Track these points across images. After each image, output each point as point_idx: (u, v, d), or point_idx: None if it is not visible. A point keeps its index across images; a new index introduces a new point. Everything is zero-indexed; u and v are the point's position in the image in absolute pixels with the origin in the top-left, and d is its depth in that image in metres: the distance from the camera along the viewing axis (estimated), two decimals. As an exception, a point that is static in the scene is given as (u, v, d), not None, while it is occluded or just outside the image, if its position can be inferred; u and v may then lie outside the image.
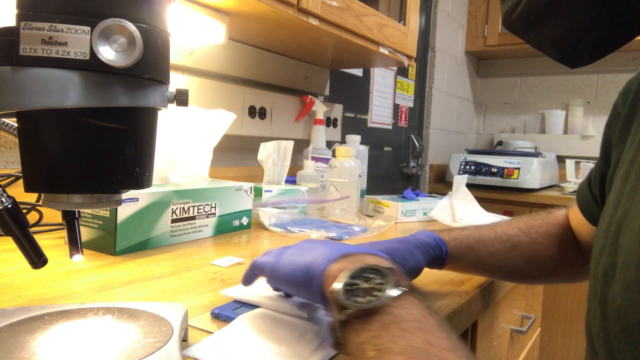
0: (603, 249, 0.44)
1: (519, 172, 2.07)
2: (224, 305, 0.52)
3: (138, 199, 0.73)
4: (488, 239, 0.65)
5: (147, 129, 0.40)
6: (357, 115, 1.90)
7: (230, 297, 0.54)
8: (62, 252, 0.70)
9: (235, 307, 0.52)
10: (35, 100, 0.34)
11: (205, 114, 0.96)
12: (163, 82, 0.39)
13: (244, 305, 0.52)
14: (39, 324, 0.39)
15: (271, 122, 1.40)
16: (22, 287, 0.55)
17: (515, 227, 0.67)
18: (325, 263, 0.42)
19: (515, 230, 0.66)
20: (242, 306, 0.52)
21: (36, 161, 0.36)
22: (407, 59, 1.40)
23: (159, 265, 0.68)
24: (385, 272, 0.38)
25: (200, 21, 0.96)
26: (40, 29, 0.33)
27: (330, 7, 1.03)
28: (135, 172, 0.39)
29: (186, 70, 1.17)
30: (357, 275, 0.38)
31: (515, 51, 2.56)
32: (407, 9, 1.39)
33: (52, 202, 0.38)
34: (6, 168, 0.87)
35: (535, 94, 2.70)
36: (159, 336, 0.38)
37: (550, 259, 0.66)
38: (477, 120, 2.89)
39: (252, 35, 1.20)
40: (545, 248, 0.66)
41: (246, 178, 1.33)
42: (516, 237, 0.66)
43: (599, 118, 2.52)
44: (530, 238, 0.66)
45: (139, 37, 0.34)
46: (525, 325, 1.01)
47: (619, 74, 2.46)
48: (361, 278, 0.38)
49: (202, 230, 0.86)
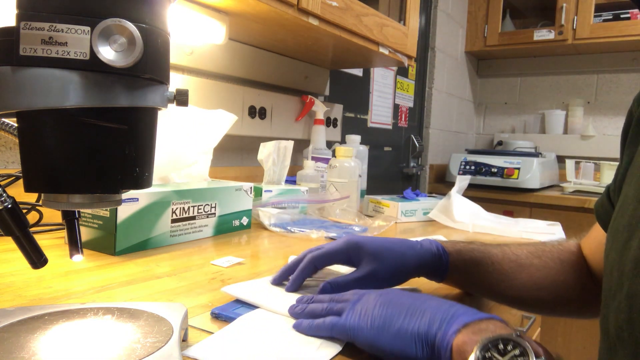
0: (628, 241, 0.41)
1: (519, 172, 2.07)
2: (224, 305, 0.52)
3: (138, 199, 0.73)
4: (495, 257, 0.60)
5: (147, 129, 0.40)
6: (357, 115, 1.90)
7: (231, 295, 0.54)
8: (62, 252, 0.70)
9: (236, 307, 0.52)
10: (35, 100, 0.34)
11: (205, 114, 0.96)
12: (163, 82, 0.39)
13: (245, 305, 0.52)
14: (39, 324, 0.39)
15: (271, 122, 1.40)
16: (22, 287, 0.55)
17: (524, 249, 0.62)
18: (448, 335, 0.39)
19: (524, 252, 0.61)
20: (243, 306, 0.52)
21: (36, 161, 0.36)
22: (407, 59, 1.40)
23: (159, 265, 0.68)
24: (522, 343, 0.35)
25: (200, 21, 0.96)
26: (40, 29, 0.33)
27: (330, 7, 1.03)
28: (135, 172, 0.39)
29: (186, 70, 1.17)
30: (489, 348, 0.36)
31: (515, 51, 2.56)
32: (407, 9, 1.39)
33: (52, 202, 0.38)
34: (6, 168, 0.87)
35: (535, 94, 2.70)
36: (159, 336, 0.38)
37: (562, 285, 0.60)
38: (477, 120, 2.89)
39: (252, 35, 1.20)
40: (556, 273, 0.60)
41: (246, 178, 1.33)
42: (526, 258, 0.61)
43: (599, 118, 2.52)
44: (541, 261, 0.61)
45: (139, 37, 0.34)
46: (525, 325, 1.01)
47: (619, 74, 2.46)
48: (494, 350, 0.36)
49: (202, 230, 0.86)
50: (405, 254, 0.57)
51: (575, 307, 0.62)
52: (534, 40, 2.34)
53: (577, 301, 0.62)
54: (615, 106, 2.48)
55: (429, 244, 0.59)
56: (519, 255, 0.61)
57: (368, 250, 0.56)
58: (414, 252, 0.57)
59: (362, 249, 0.56)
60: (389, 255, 0.56)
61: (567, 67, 2.59)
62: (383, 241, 0.58)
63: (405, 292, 0.48)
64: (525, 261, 0.60)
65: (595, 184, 2.10)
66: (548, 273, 0.60)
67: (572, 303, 0.62)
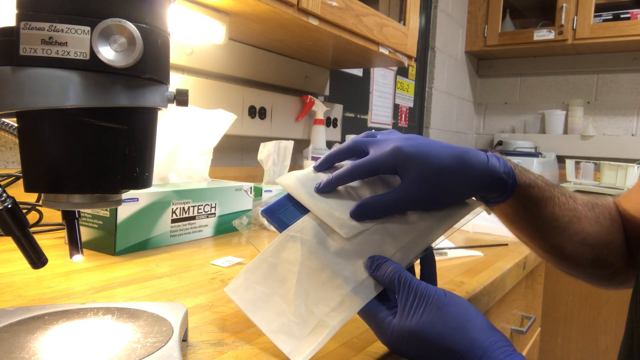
0: None
1: (519, 172, 2.07)
2: (274, 205, 0.50)
3: (138, 199, 0.73)
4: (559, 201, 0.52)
5: (147, 129, 0.40)
6: (357, 115, 1.90)
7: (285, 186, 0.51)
8: (62, 252, 0.70)
9: (285, 208, 0.50)
10: (35, 100, 0.34)
11: (205, 114, 0.96)
12: (163, 82, 0.39)
13: (294, 206, 0.50)
14: (39, 324, 0.39)
15: (271, 122, 1.40)
16: (22, 287, 0.55)
17: (580, 199, 0.55)
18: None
19: (579, 203, 0.55)
20: (292, 207, 0.50)
21: (36, 161, 0.36)
22: (407, 59, 1.40)
23: (159, 265, 0.68)
24: None
25: (200, 21, 0.96)
26: (40, 29, 0.33)
27: (330, 7, 1.03)
28: (135, 172, 0.39)
29: (186, 70, 1.17)
30: None
31: (515, 51, 2.56)
32: (407, 9, 1.39)
33: (52, 202, 0.38)
34: (6, 168, 0.87)
35: (535, 94, 2.70)
36: (159, 336, 0.38)
37: (606, 246, 0.55)
38: (477, 120, 2.89)
39: (252, 35, 1.20)
40: (605, 231, 0.55)
41: (246, 178, 1.33)
42: (582, 208, 0.54)
43: (599, 118, 2.52)
44: (594, 214, 0.55)
45: (139, 37, 0.34)
46: (525, 325, 1.02)
47: (619, 74, 2.46)
48: None
49: (202, 230, 0.86)
50: (464, 172, 0.47)
51: (609, 272, 0.57)
52: (534, 40, 2.34)
53: (612, 267, 0.57)
54: (615, 106, 2.48)
55: (497, 165, 0.48)
56: (577, 203, 0.54)
57: (418, 164, 0.46)
58: (476, 173, 0.47)
59: (411, 162, 0.46)
60: (443, 173, 0.46)
61: (567, 67, 2.59)
62: (438, 153, 0.47)
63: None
64: (582, 212, 0.54)
65: (595, 184, 2.10)
66: (599, 230, 0.55)
67: (607, 268, 0.57)
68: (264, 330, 0.43)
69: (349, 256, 0.46)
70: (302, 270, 0.45)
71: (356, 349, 0.46)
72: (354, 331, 0.49)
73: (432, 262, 0.49)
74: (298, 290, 0.44)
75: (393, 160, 0.47)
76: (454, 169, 0.46)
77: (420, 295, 0.41)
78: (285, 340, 0.42)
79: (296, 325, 0.42)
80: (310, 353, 0.41)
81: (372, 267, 0.44)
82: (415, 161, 0.46)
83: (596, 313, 1.76)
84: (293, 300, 0.44)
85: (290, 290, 0.44)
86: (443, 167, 0.46)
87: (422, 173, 0.46)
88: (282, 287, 0.45)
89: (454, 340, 0.39)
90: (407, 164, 0.46)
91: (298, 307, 0.43)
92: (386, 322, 0.42)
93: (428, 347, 0.40)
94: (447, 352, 0.39)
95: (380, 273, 0.44)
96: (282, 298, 0.44)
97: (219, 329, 0.47)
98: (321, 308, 0.43)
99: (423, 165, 0.46)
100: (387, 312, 0.42)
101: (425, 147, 0.47)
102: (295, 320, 0.42)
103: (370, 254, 0.46)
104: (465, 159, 0.47)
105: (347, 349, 0.45)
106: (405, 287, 0.42)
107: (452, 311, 0.41)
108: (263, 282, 0.46)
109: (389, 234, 0.47)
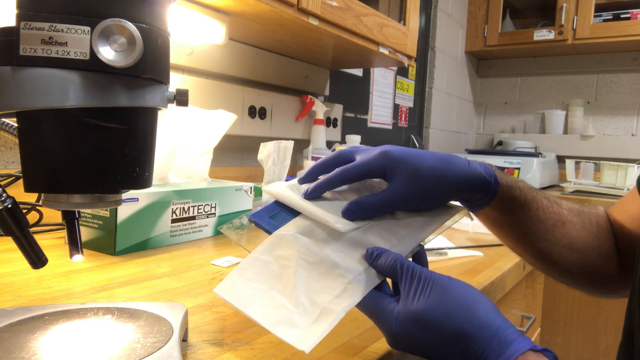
0: None
1: (519, 172, 2.07)
2: (261, 210, 0.49)
3: (138, 199, 0.73)
4: (541, 204, 0.53)
5: (147, 129, 0.40)
6: (357, 115, 1.90)
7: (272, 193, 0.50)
8: (62, 252, 0.70)
9: (273, 213, 0.49)
10: (35, 100, 0.34)
11: (205, 114, 0.96)
12: (163, 82, 0.39)
13: (282, 210, 0.49)
14: (39, 324, 0.39)
15: (271, 122, 1.40)
16: (22, 287, 0.55)
17: (565, 205, 0.56)
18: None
19: (565, 209, 0.56)
20: (281, 211, 0.49)
21: (36, 161, 0.36)
22: (407, 59, 1.40)
23: (159, 265, 0.68)
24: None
25: (200, 21, 0.96)
26: (40, 29, 0.33)
27: (330, 7, 1.03)
28: (135, 172, 0.39)
29: (186, 70, 1.17)
30: None
31: (515, 51, 2.56)
32: (407, 9, 1.39)
33: (52, 202, 0.38)
34: (6, 168, 0.87)
35: (535, 94, 2.70)
36: (159, 336, 0.38)
37: (593, 251, 0.55)
38: (477, 120, 2.89)
39: (252, 35, 1.20)
40: (592, 237, 0.56)
41: (246, 178, 1.33)
42: (567, 213, 0.55)
43: (599, 118, 2.52)
44: (580, 220, 0.56)
45: (139, 37, 0.34)
46: (525, 325, 1.02)
47: (619, 74, 2.46)
48: None
49: (202, 230, 0.86)
50: (448, 173, 0.48)
51: (599, 280, 0.58)
52: (534, 40, 2.34)
53: (601, 274, 0.57)
54: (615, 106, 2.48)
55: (478, 167, 0.50)
56: (561, 207, 0.55)
57: (405, 166, 0.48)
58: (459, 173, 0.49)
59: (399, 164, 0.48)
60: (429, 174, 0.48)
61: (567, 67, 2.59)
62: (424, 156, 0.49)
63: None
64: (566, 217, 0.55)
65: (595, 184, 2.10)
66: (585, 235, 0.55)
67: (596, 274, 0.57)
68: (263, 324, 0.42)
69: (346, 249, 0.46)
70: (299, 264, 0.45)
71: (356, 349, 0.46)
72: (353, 331, 0.49)
73: (424, 261, 0.50)
74: (297, 282, 0.43)
75: (382, 163, 0.49)
76: (438, 170, 0.48)
77: (425, 279, 0.41)
78: (287, 330, 0.41)
79: (298, 315, 0.41)
80: (317, 339, 0.39)
81: (372, 258, 0.45)
82: (403, 163, 0.48)
83: (596, 313, 1.76)
84: (292, 293, 0.43)
85: (288, 283, 0.44)
86: (429, 168, 0.48)
87: (409, 174, 0.48)
88: (278, 282, 0.44)
89: (463, 320, 0.38)
90: (396, 166, 0.48)
91: (299, 298, 0.42)
92: (390, 308, 0.41)
93: (435, 329, 0.39)
94: (455, 333, 0.38)
95: (381, 262, 0.44)
96: (279, 292, 0.44)
97: (219, 329, 0.47)
98: (324, 297, 0.42)
99: (411, 167, 0.48)
100: (390, 299, 0.42)
101: (411, 151, 0.49)
102: (297, 311, 0.42)
103: (367, 247, 0.46)
104: (449, 160, 0.49)
105: (347, 349, 0.45)
106: (408, 273, 0.42)
107: (459, 292, 0.41)
108: (257, 280, 0.45)
109: (383, 229, 0.48)
